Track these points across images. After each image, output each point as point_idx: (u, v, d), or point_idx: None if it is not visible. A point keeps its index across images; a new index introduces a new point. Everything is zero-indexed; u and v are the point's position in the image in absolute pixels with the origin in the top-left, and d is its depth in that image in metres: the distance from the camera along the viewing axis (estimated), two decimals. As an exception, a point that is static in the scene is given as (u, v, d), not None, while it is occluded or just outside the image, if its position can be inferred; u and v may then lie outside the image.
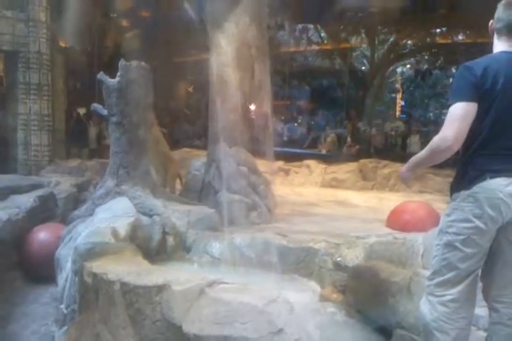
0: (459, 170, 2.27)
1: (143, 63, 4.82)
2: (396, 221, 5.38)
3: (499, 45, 2.27)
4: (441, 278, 2.21)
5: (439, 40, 14.11)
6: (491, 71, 2.15)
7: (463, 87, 2.18)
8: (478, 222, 2.13)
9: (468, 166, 2.21)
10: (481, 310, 2.40)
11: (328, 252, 3.72)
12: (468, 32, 13.45)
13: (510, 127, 2.16)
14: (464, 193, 2.18)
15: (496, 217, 2.11)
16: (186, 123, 14.78)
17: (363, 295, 3.02)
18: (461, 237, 2.15)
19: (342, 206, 7.35)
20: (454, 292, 2.18)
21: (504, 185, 2.11)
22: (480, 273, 2.26)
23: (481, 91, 2.14)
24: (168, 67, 13.91)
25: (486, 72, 2.15)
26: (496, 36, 2.30)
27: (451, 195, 2.28)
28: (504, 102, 2.14)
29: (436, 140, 2.18)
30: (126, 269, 3.17)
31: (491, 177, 2.13)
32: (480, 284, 2.32)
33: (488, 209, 2.11)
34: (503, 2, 2.26)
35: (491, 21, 2.32)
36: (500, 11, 2.26)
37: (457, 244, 2.16)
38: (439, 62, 15.64)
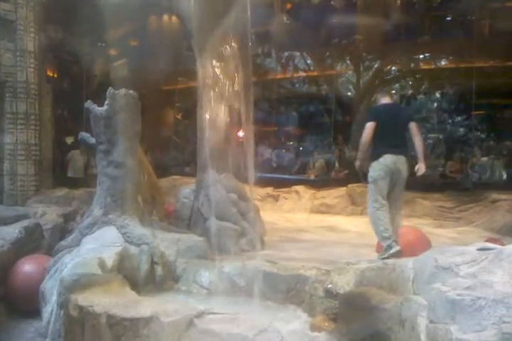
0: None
1: (131, 91, 4.84)
2: (386, 246, 5.34)
3: None
4: None
5: (423, 66, 14.37)
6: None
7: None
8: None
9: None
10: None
11: (318, 279, 3.67)
12: (450, 57, 13.75)
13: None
14: None
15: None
16: (175, 150, 14.79)
17: (354, 323, 2.97)
18: None
19: (332, 231, 7.33)
20: None
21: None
22: None
23: None
24: (157, 95, 14.00)
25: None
26: None
27: None
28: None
29: None
30: (113, 301, 3.09)
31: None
32: None
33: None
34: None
35: None
36: None
37: None
38: (423, 87, 15.90)
